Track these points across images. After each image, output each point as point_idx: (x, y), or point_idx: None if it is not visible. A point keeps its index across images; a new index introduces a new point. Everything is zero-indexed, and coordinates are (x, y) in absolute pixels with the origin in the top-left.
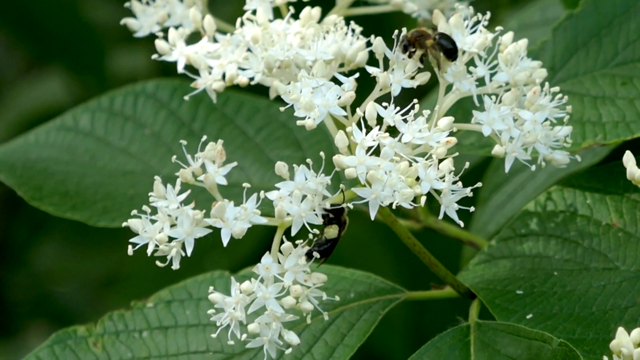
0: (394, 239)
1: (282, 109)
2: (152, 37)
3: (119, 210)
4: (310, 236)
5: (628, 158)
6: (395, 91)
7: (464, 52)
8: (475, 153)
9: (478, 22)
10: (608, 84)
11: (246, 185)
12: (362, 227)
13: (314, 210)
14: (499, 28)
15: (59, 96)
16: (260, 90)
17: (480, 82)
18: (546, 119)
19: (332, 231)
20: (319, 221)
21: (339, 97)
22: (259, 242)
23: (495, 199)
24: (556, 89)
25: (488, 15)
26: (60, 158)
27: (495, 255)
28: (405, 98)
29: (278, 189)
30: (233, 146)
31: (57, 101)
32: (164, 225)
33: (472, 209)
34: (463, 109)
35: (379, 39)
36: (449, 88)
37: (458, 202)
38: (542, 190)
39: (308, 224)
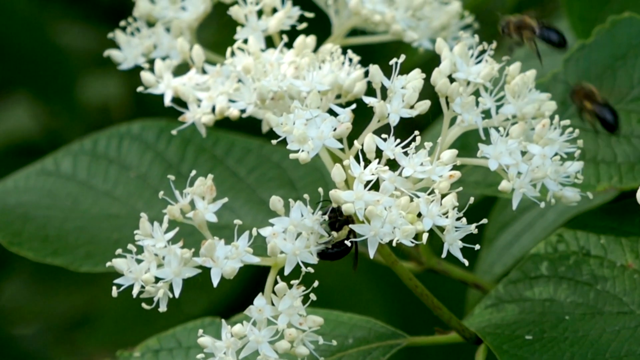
0: (394, 281)
1: (274, 142)
2: None
3: (103, 255)
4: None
5: None
6: (394, 121)
7: (468, 83)
8: (480, 192)
9: (484, 51)
10: (623, 121)
11: (237, 222)
12: (359, 268)
13: (309, 249)
14: (505, 58)
15: (25, 125)
16: (253, 128)
17: (486, 114)
18: (556, 154)
19: (343, 232)
20: (314, 260)
21: (335, 129)
22: (240, 282)
23: (502, 239)
24: (566, 122)
25: (494, 44)
26: (40, 203)
27: (503, 299)
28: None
29: (272, 225)
30: (224, 187)
31: (23, 130)
32: (150, 265)
33: (477, 246)
34: (467, 144)
35: (376, 66)
36: (453, 120)
37: (462, 240)
38: (552, 229)
39: (303, 263)
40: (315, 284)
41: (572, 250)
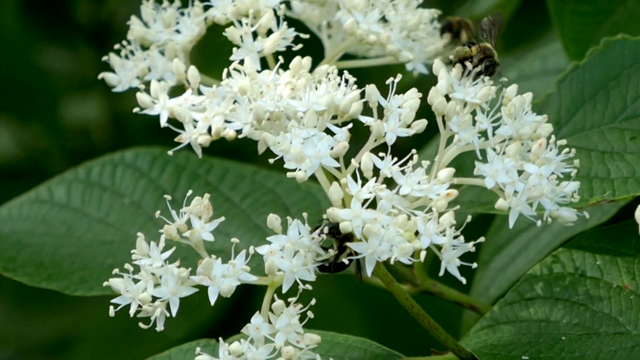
0: (379, 304)
1: (271, 160)
2: (105, 86)
3: (97, 280)
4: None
5: None
6: (391, 140)
7: (465, 104)
8: (474, 210)
9: (480, 72)
10: (616, 139)
11: (235, 240)
12: (353, 290)
13: (306, 267)
14: (504, 79)
15: (7, 147)
16: (246, 155)
17: (483, 135)
18: (552, 173)
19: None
20: (312, 278)
21: (332, 148)
22: (221, 307)
23: (496, 261)
24: (563, 141)
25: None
26: (34, 230)
27: (499, 320)
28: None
29: (269, 242)
30: (217, 213)
31: (5, 152)
32: (147, 285)
33: (474, 265)
34: (462, 166)
35: (372, 86)
36: (449, 140)
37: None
38: (547, 251)
39: (300, 280)
40: (313, 301)
41: (568, 271)
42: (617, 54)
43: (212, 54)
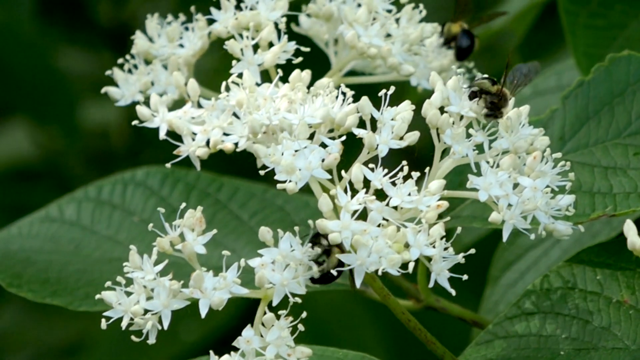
0: (389, 316)
1: (262, 172)
2: None
3: None
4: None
5: (629, 227)
6: (382, 152)
7: (461, 117)
8: (475, 226)
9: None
10: (620, 155)
11: (226, 253)
12: (352, 303)
13: (297, 280)
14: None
15: (25, 149)
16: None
17: (479, 149)
18: (547, 187)
19: (333, 259)
20: (302, 291)
21: (323, 160)
22: (235, 311)
23: (506, 277)
24: (558, 155)
25: (479, 75)
26: (43, 248)
27: (498, 335)
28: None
29: (261, 255)
30: (226, 230)
31: (23, 154)
32: (139, 298)
33: (465, 277)
34: (464, 182)
35: (365, 98)
36: (445, 153)
37: (450, 270)
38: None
39: (291, 293)
40: (304, 314)
41: (568, 285)
42: (622, 70)
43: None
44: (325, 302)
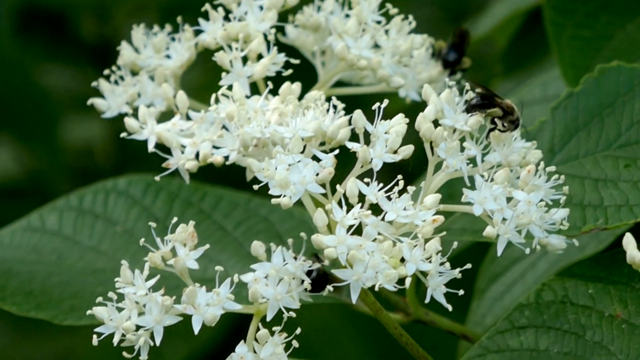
0: (376, 332)
1: (255, 187)
2: None
3: (87, 308)
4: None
5: (628, 241)
6: (377, 166)
7: (454, 130)
8: (466, 239)
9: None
10: (610, 167)
11: (219, 268)
12: (337, 318)
13: (291, 294)
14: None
15: (8, 167)
16: (241, 182)
17: (472, 162)
18: (541, 200)
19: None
20: (296, 305)
21: (317, 174)
22: (221, 330)
23: (493, 290)
24: (552, 168)
25: (479, 90)
26: (25, 258)
27: (490, 349)
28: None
29: (253, 270)
30: (210, 241)
31: (6, 172)
32: (131, 313)
33: (461, 292)
34: (454, 193)
35: (359, 111)
36: (438, 166)
37: (447, 285)
38: (543, 280)
39: (285, 308)
40: (298, 330)
41: (560, 299)
42: (611, 81)
43: (217, 74)
44: (310, 318)
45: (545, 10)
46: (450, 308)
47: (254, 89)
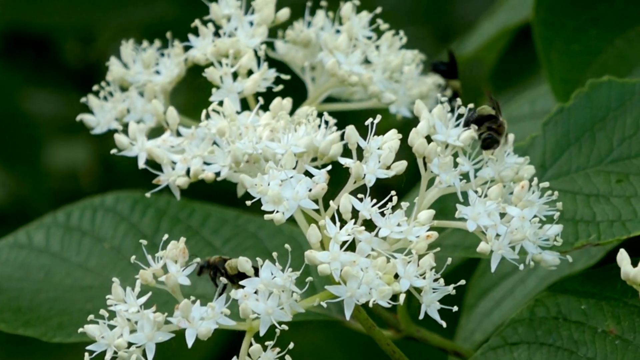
0: (368, 349)
1: (248, 202)
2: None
3: (76, 325)
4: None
5: (622, 257)
6: (370, 182)
7: (447, 146)
8: (458, 255)
9: (462, 115)
10: (602, 182)
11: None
12: (331, 338)
13: (282, 307)
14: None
15: None
16: (230, 198)
17: (465, 178)
18: (535, 216)
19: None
20: (288, 318)
21: (310, 190)
22: (215, 347)
23: (482, 306)
24: (545, 184)
25: (471, 105)
26: (13, 275)
27: None
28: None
29: (242, 286)
30: (199, 257)
31: None
32: (123, 331)
33: (455, 308)
34: (446, 209)
35: (352, 127)
36: (431, 182)
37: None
38: (533, 295)
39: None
40: (291, 345)
41: (552, 315)
42: (603, 95)
43: (202, 92)
44: (301, 338)
45: (534, 25)
46: (444, 324)
47: (245, 105)
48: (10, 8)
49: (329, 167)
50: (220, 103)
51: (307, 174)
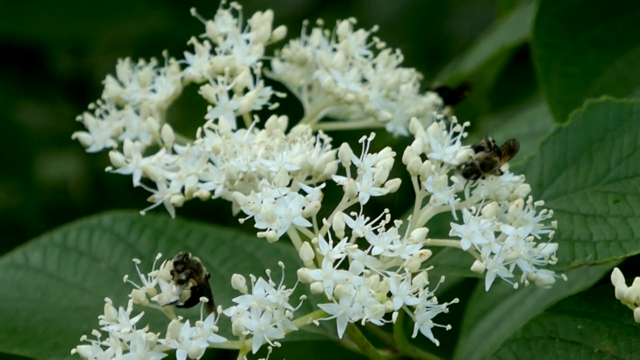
0: None
1: (241, 220)
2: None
3: (72, 346)
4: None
5: (616, 276)
6: (364, 200)
7: (442, 164)
8: (454, 274)
9: (457, 133)
10: (600, 202)
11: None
12: (326, 356)
13: (274, 324)
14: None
15: None
16: (227, 218)
17: (460, 196)
18: (530, 235)
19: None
20: (281, 335)
21: (304, 208)
22: None
23: (480, 327)
24: (540, 202)
25: (467, 123)
26: (8, 296)
27: None
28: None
29: (236, 304)
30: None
31: None
32: (116, 351)
33: (448, 326)
34: (443, 229)
35: (345, 145)
36: (425, 200)
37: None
38: (531, 316)
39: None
40: None
41: (548, 335)
42: (600, 116)
43: (195, 110)
44: (292, 355)
45: (533, 46)
46: (437, 343)
47: (240, 123)
48: (2, 19)
49: (323, 185)
50: (216, 121)
51: (302, 192)
